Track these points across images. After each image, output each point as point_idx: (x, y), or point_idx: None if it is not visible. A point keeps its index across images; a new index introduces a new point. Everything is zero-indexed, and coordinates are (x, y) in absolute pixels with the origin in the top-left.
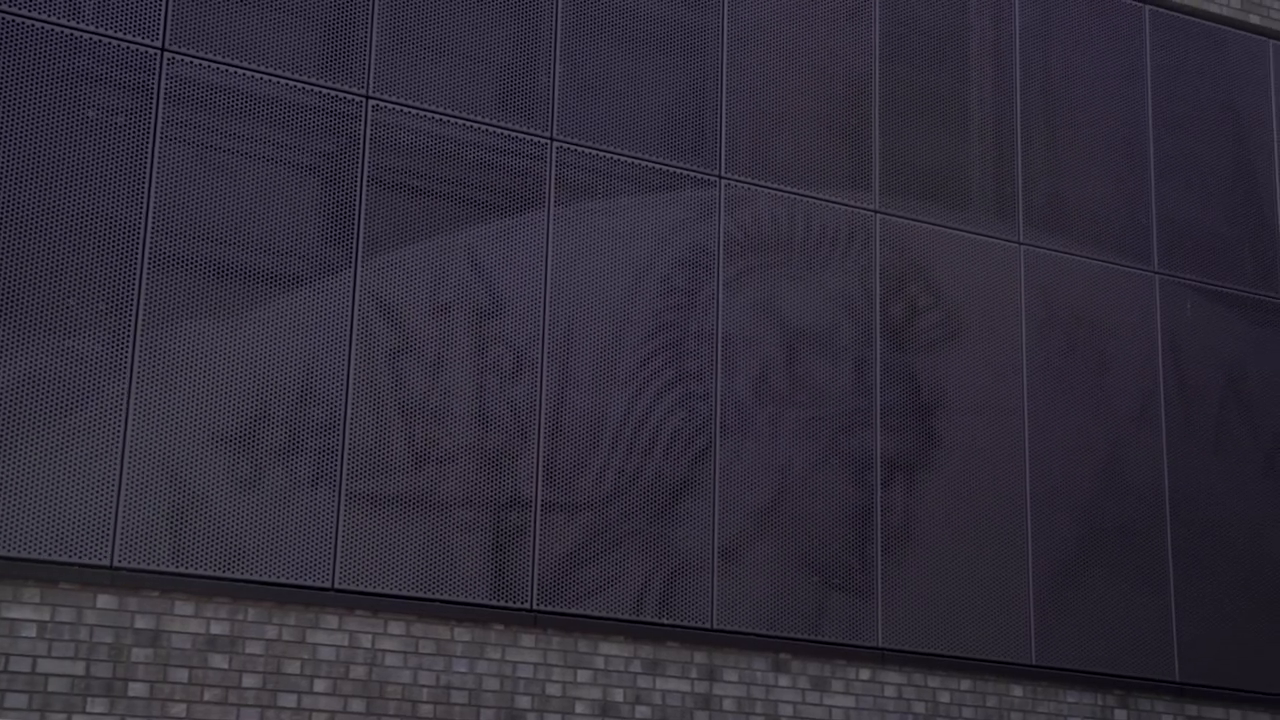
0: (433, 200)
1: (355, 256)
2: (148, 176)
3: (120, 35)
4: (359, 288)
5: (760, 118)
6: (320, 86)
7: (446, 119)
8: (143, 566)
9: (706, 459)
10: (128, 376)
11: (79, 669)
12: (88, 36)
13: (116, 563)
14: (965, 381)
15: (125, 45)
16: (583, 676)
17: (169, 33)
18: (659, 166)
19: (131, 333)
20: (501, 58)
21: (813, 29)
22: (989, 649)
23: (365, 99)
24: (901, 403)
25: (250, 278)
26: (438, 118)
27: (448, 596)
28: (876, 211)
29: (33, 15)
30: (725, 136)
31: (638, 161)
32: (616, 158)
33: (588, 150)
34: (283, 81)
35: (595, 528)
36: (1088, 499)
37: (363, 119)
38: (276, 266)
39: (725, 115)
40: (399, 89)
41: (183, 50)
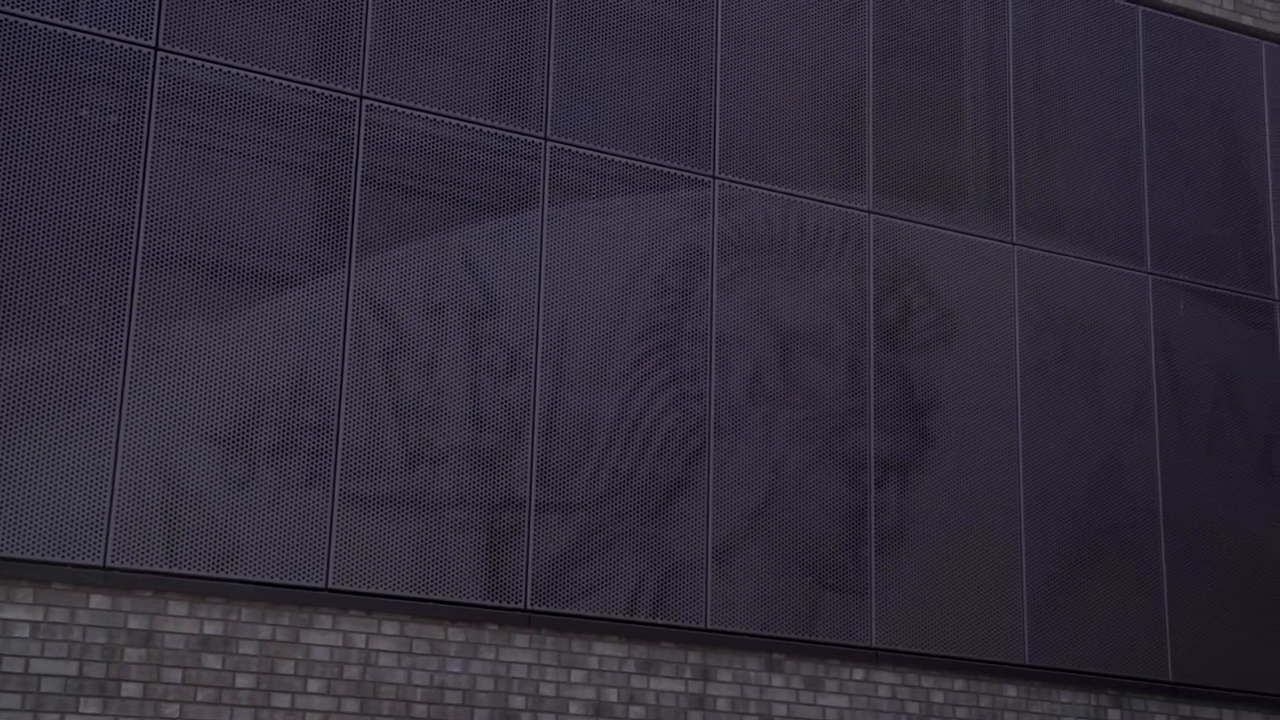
0: (426, 200)
1: (349, 256)
2: (141, 176)
3: (113, 35)
4: (353, 287)
5: (754, 118)
6: (314, 86)
7: (440, 119)
8: (136, 566)
9: (700, 459)
10: (121, 376)
11: (72, 669)
12: (81, 36)
13: (110, 563)
14: (959, 382)
15: (118, 44)
16: (577, 676)
17: (162, 32)
18: (653, 167)
19: (125, 332)
20: (495, 58)
21: (807, 29)
22: (983, 649)
23: (359, 99)
24: (895, 403)
25: (244, 277)
26: (431, 117)
27: (442, 596)
28: (870, 212)
29: (26, 14)
30: (719, 137)
31: (632, 162)
32: (610, 158)
33: (582, 150)
34: (276, 81)
35: (589, 528)
36: (1081, 499)
37: (356, 119)
38: (270, 266)
39: (719, 115)
40: (393, 89)
41: (176, 49)
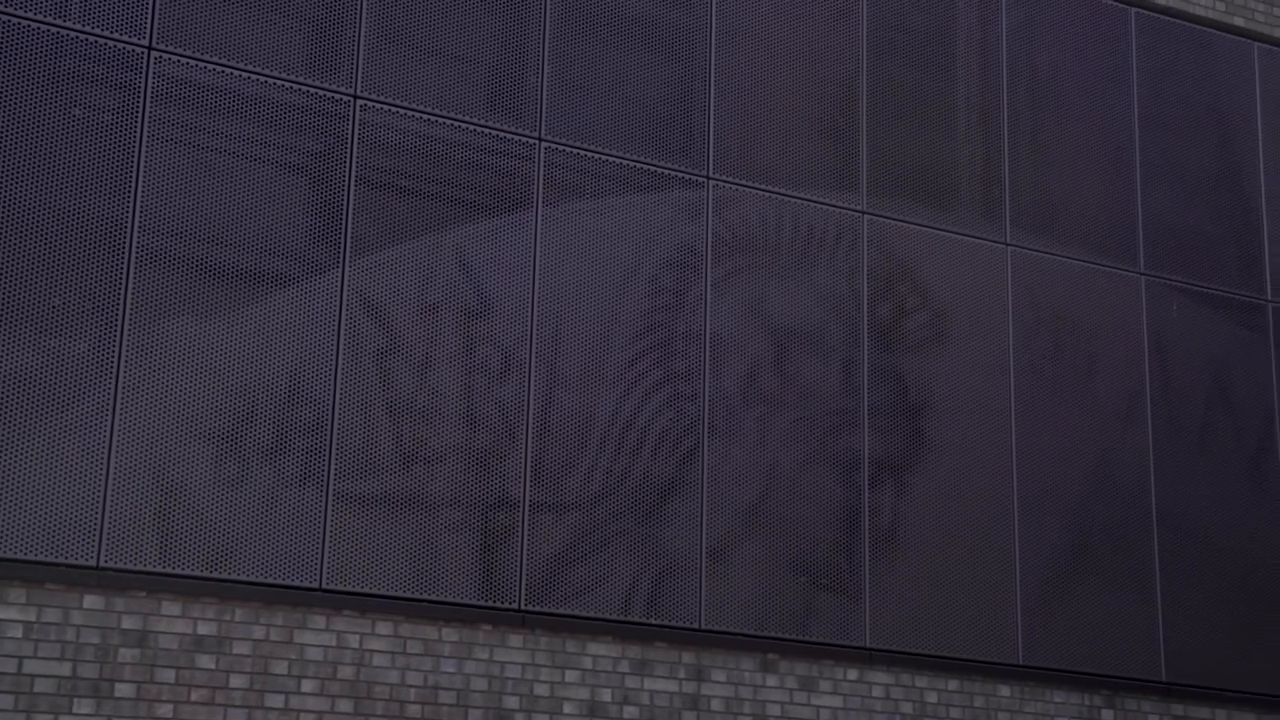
0: (421, 200)
1: (343, 256)
2: (134, 175)
3: (107, 34)
4: (347, 287)
5: (748, 119)
6: (308, 86)
7: (434, 119)
8: (129, 567)
9: (694, 459)
10: (114, 376)
11: (65, 670)
12: (74, 35)
13: (103, 563)
14: (953, 382)
15: (112, 44)
16: (570, 677)
17: (156, 31)
18: (647, 167)
19: (118, 332)
20: (489, 58)
21: (800, 30)
22: (976, 649)
23: (353, 98)
24: (889, 403)
25: (238, 277)
26: (426, 117)
27: (436, 597)
28: (864, 212)
29: (19, 13)
30: (713, 137)
31: (626, 162)
32: (604, 158)
33: (576, 150)
34: (270, 81)
35: (583, 528)
36: (1075, 500)
37: (350, 118)
38: (264, 266)
39: (713, 116)
40: (387, 89)
41: (170, 49)
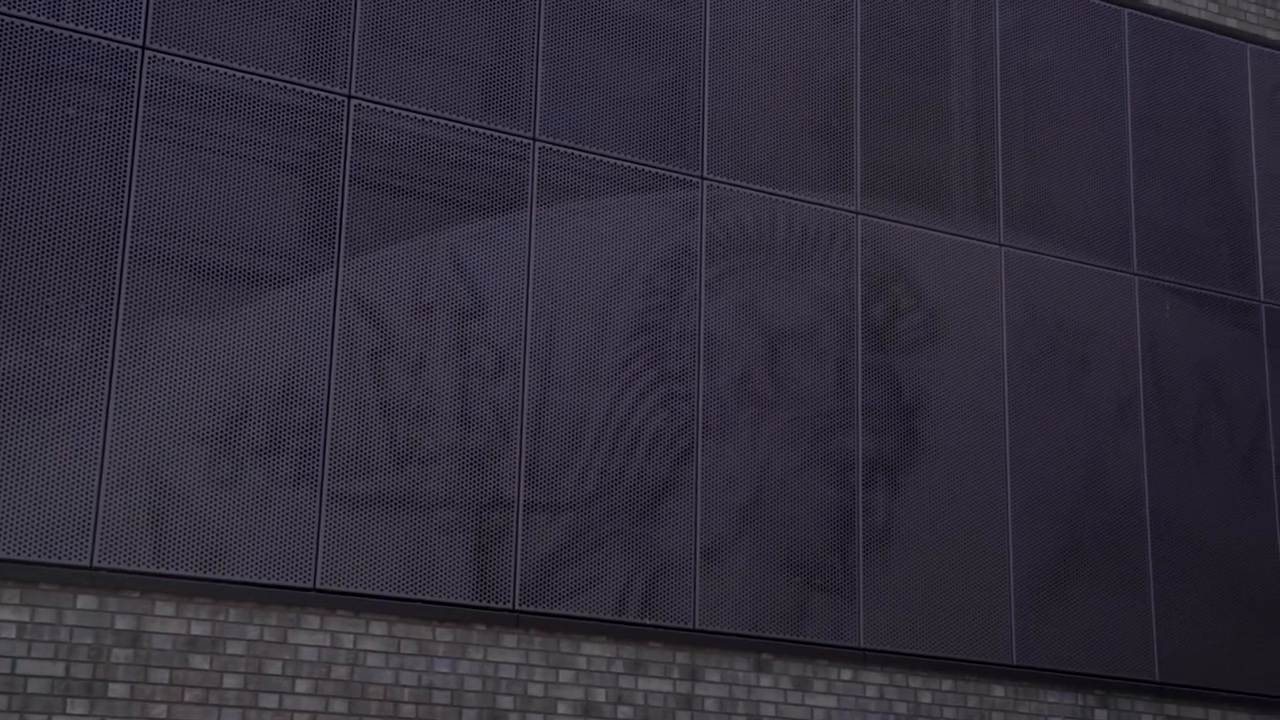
0: (415, 200)
1: (337, 256)
2: (128, 175)
3: (101, 33)
4: (341, 287)
5: (742, 119)
6: (302, 85)
7: (429, 119)
8: (123, 567)
9: (689, 459)
10: (108, 376)
11: (59, 670)
12: (68, 34)
13: (96, 563)
14: (947, 383)
15: (106, 43)
16: (565, 677)
17: (150, 31)
18: (641, 167)
19: (111, 332)
20: (484, 58)
21: (794, 30)
22: (970, 649)
23: (347, 98)
24: (883, 404)
25: (231, 277)
26: (420, 117)
27: (430, 597)
28: (858, 213)
29: (13, 13)
30: (707, 138)
31: (620, 162)
32: (599, 158)
33: (570, 151)
34: (264, 80)
35: (577, 528)
36: (1068, 500)
37: (344, 118)
38: (258, 266)
39: (707, 116)
40: (381, 88)
41: (164, 48)
